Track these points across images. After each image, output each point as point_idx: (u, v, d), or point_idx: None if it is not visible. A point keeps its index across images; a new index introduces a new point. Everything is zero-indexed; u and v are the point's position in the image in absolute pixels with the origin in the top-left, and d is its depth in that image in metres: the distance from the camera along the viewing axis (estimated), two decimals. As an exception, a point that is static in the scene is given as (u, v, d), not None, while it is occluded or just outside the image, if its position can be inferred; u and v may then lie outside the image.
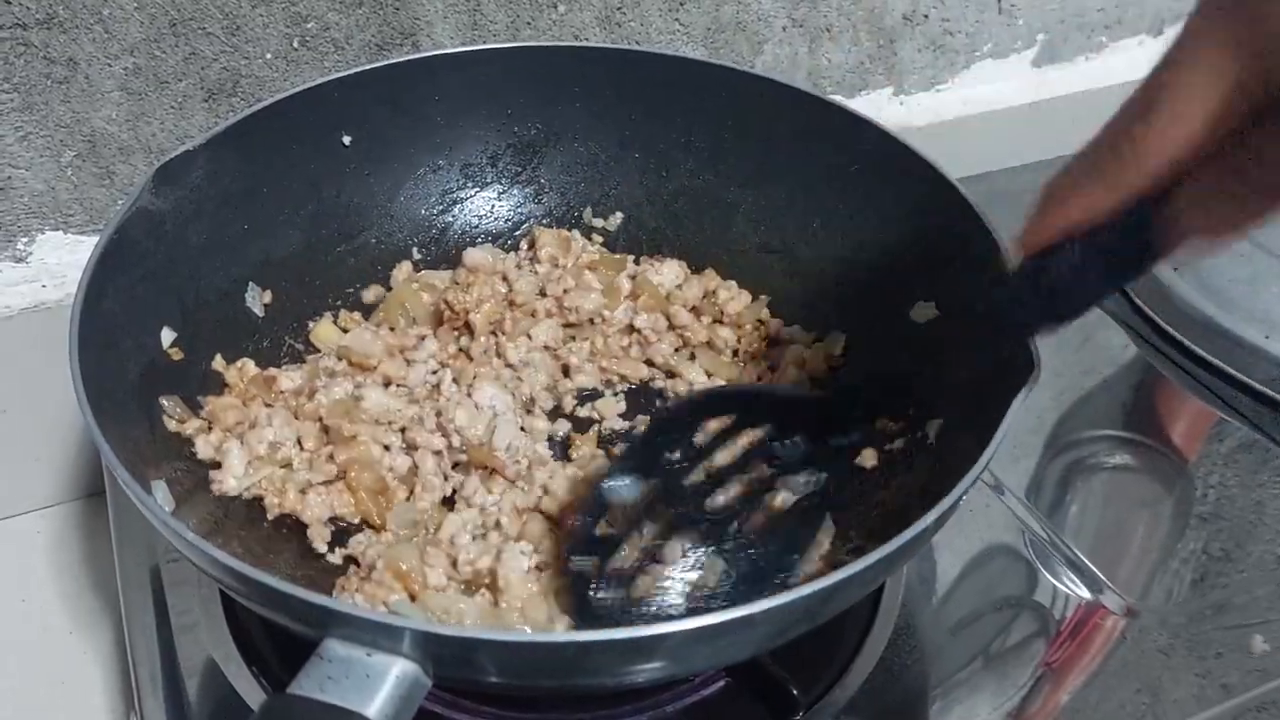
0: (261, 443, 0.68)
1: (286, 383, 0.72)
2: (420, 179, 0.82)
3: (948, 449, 0.64)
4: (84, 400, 0.54)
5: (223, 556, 0.48)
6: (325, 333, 0.78)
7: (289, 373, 0.73)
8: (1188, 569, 0.76)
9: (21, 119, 0.75)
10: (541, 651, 0.47)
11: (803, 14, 1.00)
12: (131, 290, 0.63)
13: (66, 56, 0.74)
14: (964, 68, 1.12)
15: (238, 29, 0.79)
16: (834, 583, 0.48)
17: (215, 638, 0.66)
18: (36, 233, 0.80)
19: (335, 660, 0.46)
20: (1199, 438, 0.88)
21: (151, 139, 0.80)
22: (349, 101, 0.76)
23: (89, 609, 0.82)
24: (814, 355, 0.77)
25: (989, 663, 0.68)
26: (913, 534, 0.50)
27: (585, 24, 0.91)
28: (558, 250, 0.83)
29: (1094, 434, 0.87)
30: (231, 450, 0.67)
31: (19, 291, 0.81)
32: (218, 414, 0.69)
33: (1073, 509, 0.79)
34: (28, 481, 0.87)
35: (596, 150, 0.85)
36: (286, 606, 0.47)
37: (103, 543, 0.85)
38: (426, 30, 0.85)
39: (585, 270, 0.82)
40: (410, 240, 0.83)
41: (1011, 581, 0.74)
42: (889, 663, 0.65)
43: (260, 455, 0.68)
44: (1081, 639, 0.70)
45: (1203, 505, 0.80)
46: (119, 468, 0.51)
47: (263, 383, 0.72)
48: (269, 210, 0.74)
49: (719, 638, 0.48)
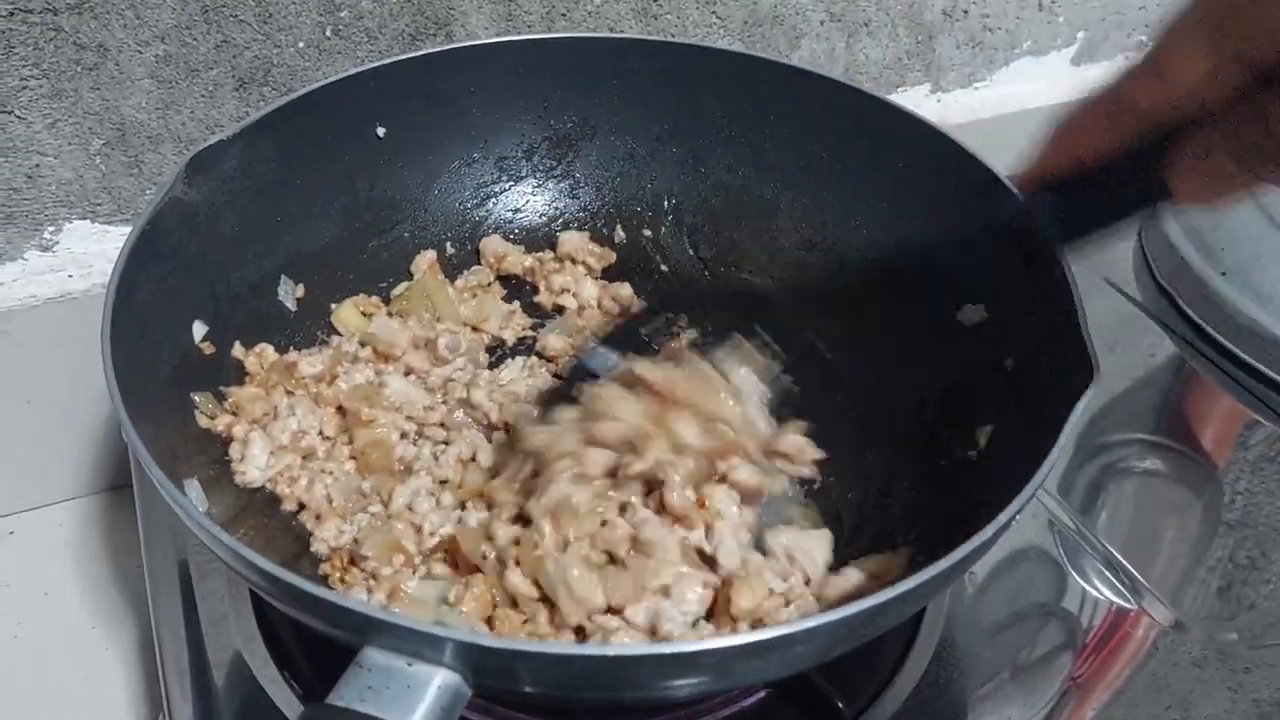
0: (284, 432, 0.68)
1: (307, 368, 0.71)
2: (455, 172, 0.81)
3: (997, 457, 0.63)
4: (117, 396, 0.52)
5: (261, 561, 0.46)
6: (347, 316, 0.77)
7: (309, 357, 0.72)
8: (1214, 576, 0.75)
9: (50, 106, 0.74)
10: (584, 664, 0.46)
11: (841, 8, 0.98)
12: (163, 282, 0.62)
13: (97, 43, 0.73)
14: (1003, 65, 1.10)
15: (270, 17, 0.77)
16: (885, 600, 0.47)
17: (244, 633, 0.65)
18: (64, 222, 0.79)
19: (375, 670, 0.44)
20: (1228, 443, 0.87)
21: (181, 128, 0.79)
22: (384, 92, 0.74)
23: (112, 604, 0.81)
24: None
25: (1016, 674, 0.67)
26: (967, 550, 0.49)
27: (621, 15, 0.89)
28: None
29: (1123, 437, 0.86)
30: (255, 440, 0.66)
31: (45, 281, 0.79)
32: (242, 405, 0.68)
33: (1103, 513, 0.78)
34: (50, 474, 0.86)
35: (633, 145, 0.83)
36: (326, 614, 0.46)
37: (126, 536, 0.84)
38: (460, 20, 0.84)
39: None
40: (444, 234, 0.82)
41: (1040, 586, 0.73)
42: (934, 675, 0.64)
43: (284, 445, 0.67)
44: (1110, 650, 0.69)
45: (1230, 512, 0.79)
46: (154, 467, 0.50)
47: (283, 368, 0.71)
48: (302, 202, 0.73)
49: (766, 653, 0.46)
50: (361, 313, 0.78)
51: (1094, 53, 1.14)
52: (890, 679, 0.63)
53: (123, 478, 0.88)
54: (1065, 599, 0.71)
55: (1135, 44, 1.16)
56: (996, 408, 0.64)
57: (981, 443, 0.64)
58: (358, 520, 0.66)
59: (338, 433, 0.70)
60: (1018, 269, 0.64)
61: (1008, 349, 0.66)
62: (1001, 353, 0.66)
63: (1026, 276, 0.63)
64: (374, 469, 0.68)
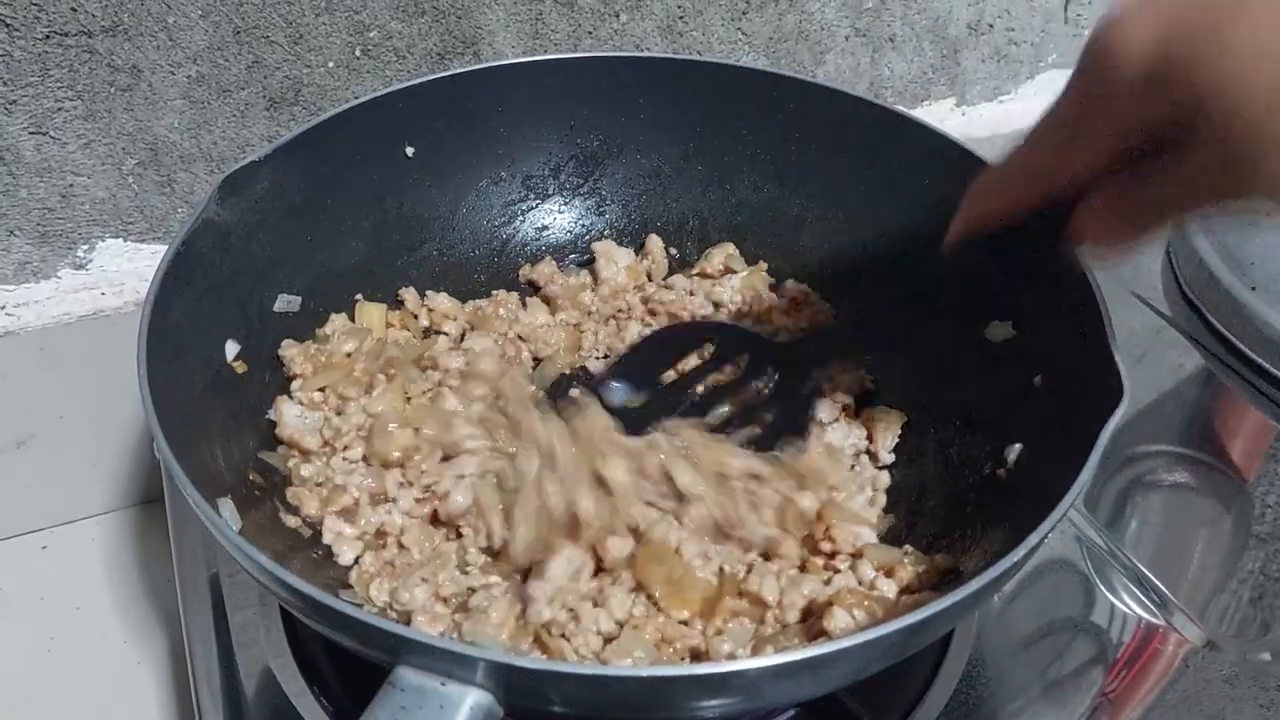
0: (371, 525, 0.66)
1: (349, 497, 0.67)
2: (482, 191, 0.82)
3: (1027, 475, 0.62)
4: (153, 416, 0.53)
5: (294, 580, 0.47)
6: (370, 315, 0.77)
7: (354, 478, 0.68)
8: (1245, 589, 0.74)
9: (84, 127, 0.75)
10: (618, 684, 0.46)
11: (866, 23, 0.98)
12: (197, 303, 0.63)
13: (130, 64, 0.74)
14: (1028, 78, 1.10)
15: (300, 37, 0.78)
16: (917, 620, 0.47)
17: (274, 648, 0.65)
18: (97, 240, 0.80)
19: (409, 690, 0.45)
20: (1258, 456, 0.86)
21: (213, 147, 0.80)
22: (413, 112, 0.75)
23: (143, 618, 0.82)
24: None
25: (1047, 690, 0.66)
26: (1000, 570, 0.49)
27: (647, 33, 0.90)
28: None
29: (1151, 449, 0.85)
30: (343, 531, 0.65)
31: (78, 299, 0.80)
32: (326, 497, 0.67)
33: (1131, 525, 0.78)
34: (83, 488, 0.87)
35: (659, 162, 0.83)
36: (358, 633, 0.47)
37: (157, 550, 0.85)
38: (488, 39, 0.84)
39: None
40: (471, 251, 0.82)
41: (1068, 602, 0.72)
42: (964, 693, 0.63)
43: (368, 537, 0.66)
44: (1141, 665, 0.68)
45: (1260, 525, 0.78)
46: (188, 486, 0.50)
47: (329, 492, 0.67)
48: (332, 221, 0.74)
49: (799, 674, 0.46)
50: (386, 323, 0.78)
51: (1119, 65, 1.13)
52: (920, 698, 0.63)
53: (154, 492, 0.89)
54: (1094, 614, 0.71)
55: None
56: (1026, 425, 0.64)
57: (1011, 460, 0.64)
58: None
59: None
60: (1045, 285, 0.64)
61: (1036, 366, 0.65)
62: (1030, 370, 0.65)
63: (1054, 293, 0.63)
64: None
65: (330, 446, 0.69)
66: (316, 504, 0.66)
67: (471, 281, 0.82)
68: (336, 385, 0.71)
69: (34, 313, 0.79)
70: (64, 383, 0.81)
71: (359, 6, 0.79)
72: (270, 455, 0.67)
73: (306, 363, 0.71)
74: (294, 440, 0.68)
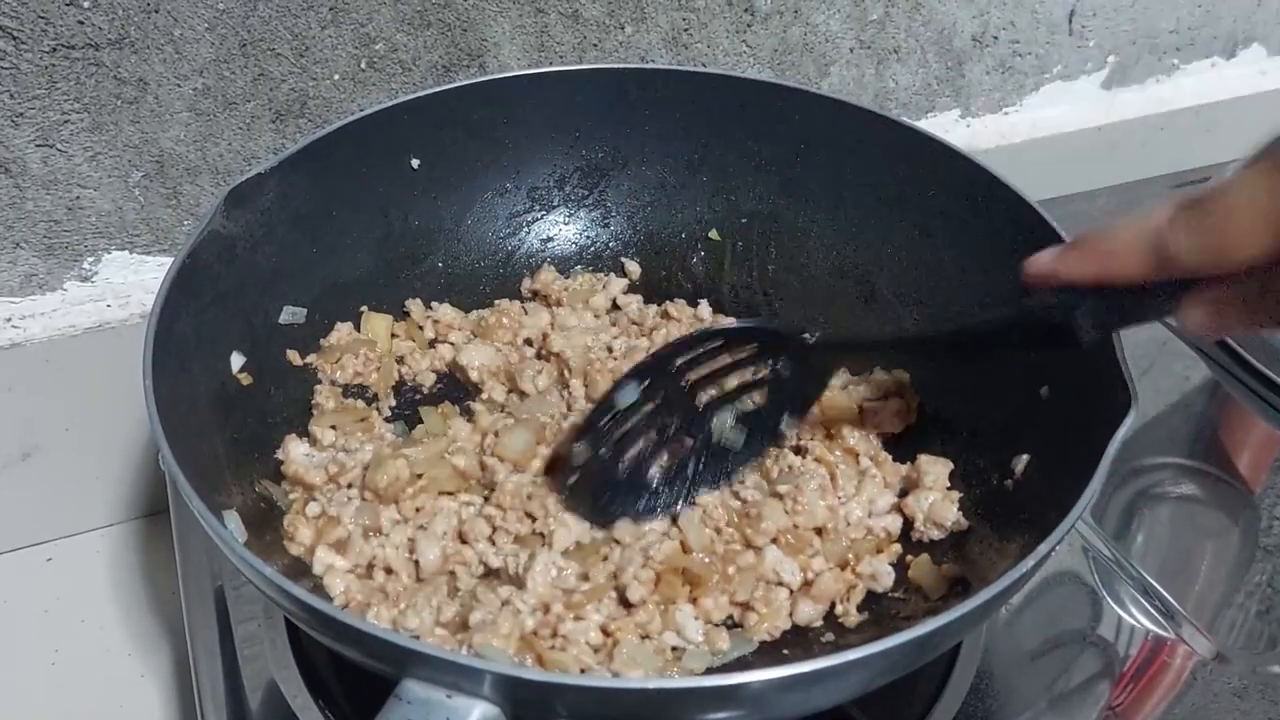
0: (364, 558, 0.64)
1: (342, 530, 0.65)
2: (487, 202, 0.82)
3: (1034, 486, 0.62)
4: (159, 428, 0.53)
5: (299, 592, 0.47)
6: (376, 325, 0.77)
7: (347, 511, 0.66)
8: (1253, 601, 0.74)
9: (91, 139, 0.75)
10: (625, 697, 0.46)
11: (870, 35, 0.98)
12: (202, 314, 0.63)
13: (137, 77, 0.74)
14: (1033, 90, 1.10)
15: (306, 50, 0.78)
16: (924, 633, 0.47)
17: (279, 660, 0.65)
18: (103, 252, 0.80)
19: (415, 702, 0.45)
20: (1265, 468, 0.86)
21: (219, 159, 0.80)
22: (418, 124, 0.75)
23: (148, 629, 0.82)
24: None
25: (1054, 703, 0.66)
26: (1007, 583, 0.49)
27: (652, 45, 0.90)
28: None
29: (1158, 461, 0.85)
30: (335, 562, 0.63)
31: (84, 310, 0.81)
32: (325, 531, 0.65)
33: (1138, 537, 0.78)
34: (88, 500, 0.87)
35: (664, 173, 0.83)
36: (364, 646, 0.46)
37: (162, 563, 0.85)
38: (493, 51, 0.85)
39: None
40: (477, 263, 0.82)
41: (1075, 614, 0.72)
42: (971, 707, 0.63)
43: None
44: (1149, 678, 0.68)
45: (1268, 537, 0.78)
46: (194, 497, 0.50)
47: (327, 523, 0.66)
48: (337, 233, 0.74)
49: (807, 686, 0.46)
50: (392, 334, 0.78)
51: (1124, 77, 1.14)
52: (928, 711, 0.62)
53: (159, 504, 0.88)
54: (1101, 626, 0.70)
55: (1166, 67, 1.15)
56: (1033, 436, 0.64)
57: (1018, 471, 0.64)
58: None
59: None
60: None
61: (1044, 377, 0.65)
62: (1038, 381, 0.65)
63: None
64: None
65: (335, 483, 0.67)
66: (311, 534, 0.64)
67: (477, 292, 0.82)
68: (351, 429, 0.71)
69: (40, 325, 0.79)
70: (69, 395, 0.81)
71: (365, 19, 0.79)
72: (272, 488, 0.67)
73: (330, 398, 0.71)
74: (298, 477, 0.67)
